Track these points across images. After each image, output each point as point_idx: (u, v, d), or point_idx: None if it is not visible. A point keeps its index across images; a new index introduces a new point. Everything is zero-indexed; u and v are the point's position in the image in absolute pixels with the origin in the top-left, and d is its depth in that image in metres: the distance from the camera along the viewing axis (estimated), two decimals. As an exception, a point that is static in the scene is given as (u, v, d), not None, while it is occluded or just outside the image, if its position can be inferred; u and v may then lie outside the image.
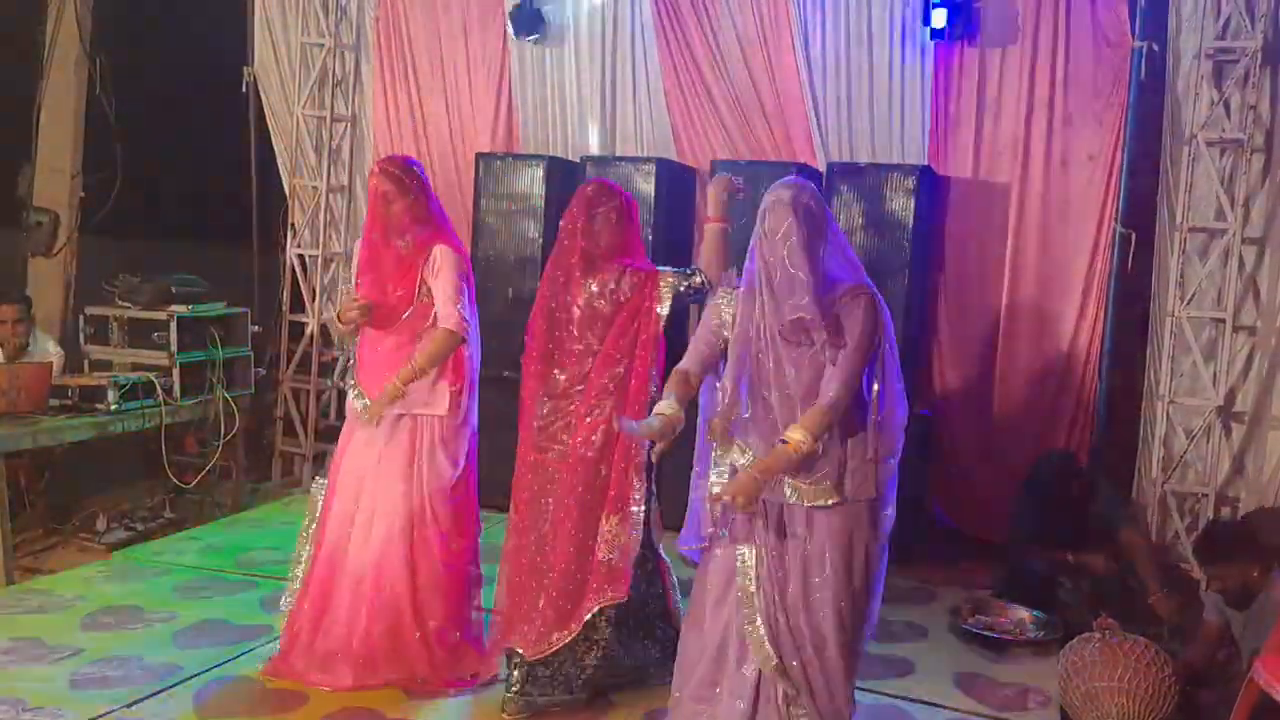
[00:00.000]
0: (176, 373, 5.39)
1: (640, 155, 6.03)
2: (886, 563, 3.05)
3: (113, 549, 5.08)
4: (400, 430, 3.67)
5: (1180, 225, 5.06)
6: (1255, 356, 5.07)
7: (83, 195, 6.67)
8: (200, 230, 6.73)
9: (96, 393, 5.03)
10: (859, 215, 5.29)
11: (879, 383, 2.89)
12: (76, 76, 6.58)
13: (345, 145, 6.83)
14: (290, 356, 6.82)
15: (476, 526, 3.86)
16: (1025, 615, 4.46)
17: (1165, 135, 5.23)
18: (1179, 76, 5.11)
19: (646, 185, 5.60)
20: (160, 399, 5.25)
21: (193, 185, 6.75)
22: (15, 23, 6.40)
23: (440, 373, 3.65)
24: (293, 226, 6.84)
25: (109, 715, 3.38)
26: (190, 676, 3.68)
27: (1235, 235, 4.96)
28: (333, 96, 6.74)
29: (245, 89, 6.72)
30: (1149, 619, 4.24)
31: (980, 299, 5.64)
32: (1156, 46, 5.11)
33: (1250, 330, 5.08)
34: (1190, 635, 4.13)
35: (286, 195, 6.86)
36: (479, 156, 6.07)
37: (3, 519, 4.56)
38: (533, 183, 5.84)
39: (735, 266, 3.20)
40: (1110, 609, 4.00)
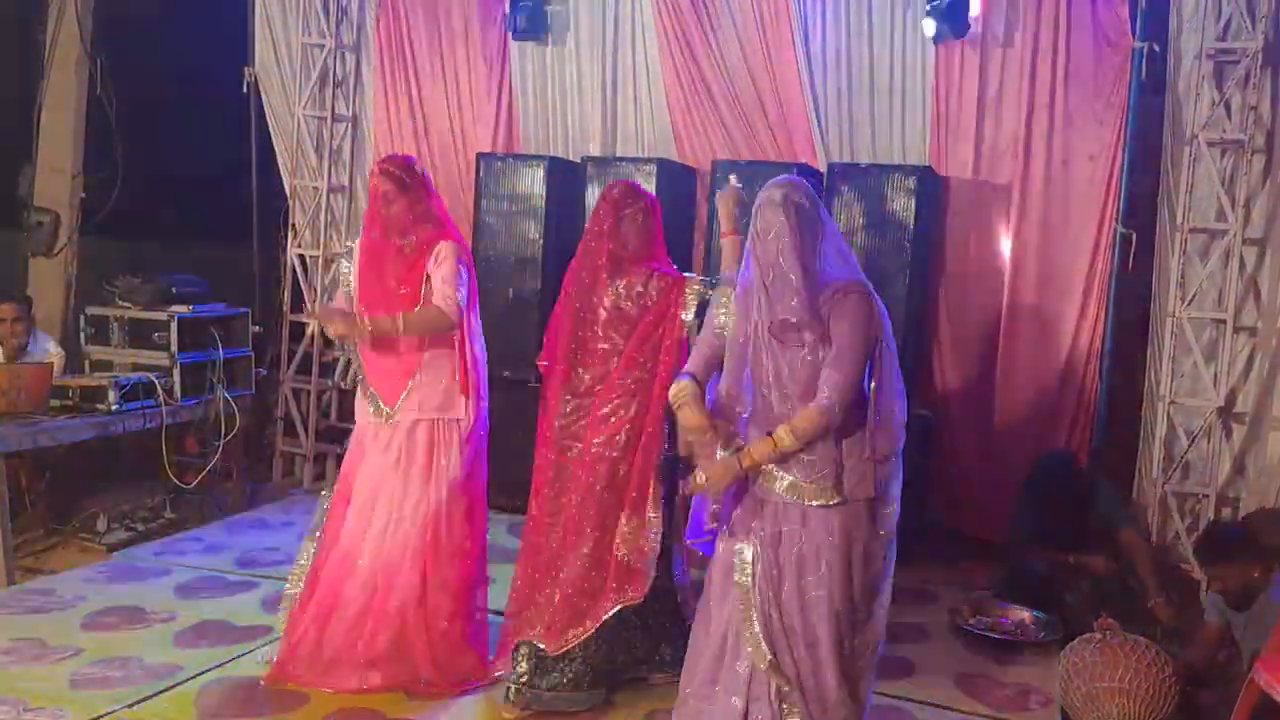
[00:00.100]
0: (177, 373, 5.39)
1: (641, 155, 6.04)
2: (893, 562, 3.01)
3: (113, 549, 5.08)
4: (417, 436, 3.65)
5: (1181, 226, 5.06)
6: (1256, 357, 5.07)
7: (83, 195, 6.67)
8: (201, 230, 6.74)
9: (97, 393, 5.03)
10: (859, 215, 5.28)
11: (876, 380, 2.86)
12: (77, 76, 6.58)
13: (346, 146, 6.84)
14: (291, 357, 6.82)
15: (485, 528, 3.85)
16: (1026, 616, 4.46)
17: (1166, 136, 5.23)
18: (1180, 77, 5.11)
19: (647, 185, 5.55)
20: (161, 399, 5.25)
21: (193, 185, 6.75)
22: (16, 23, 6.40)
23: (452, 376, 3.64)
24: (293, 227, 6.84)
25: (110, 715, 3.38)
26: (191, 677, 3.68)
27: (1236, 236, 4.96)
28: (333, 97, 6.75)
29: (246, 89, 6.72)
30: (1149, 621, 4.25)
31: (981, 299, 5.64)
32: (1157, 47, 5.11)
33: (1251, 331, 5.08)
34: (1190, 636, 4.13)
35: (287, 195, 6.86)
36: (480, 157, 6.07)
37: (3, 519, 4.56)
38: (533, 183, 5.84)
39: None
40: (1111, 609, 3.99)
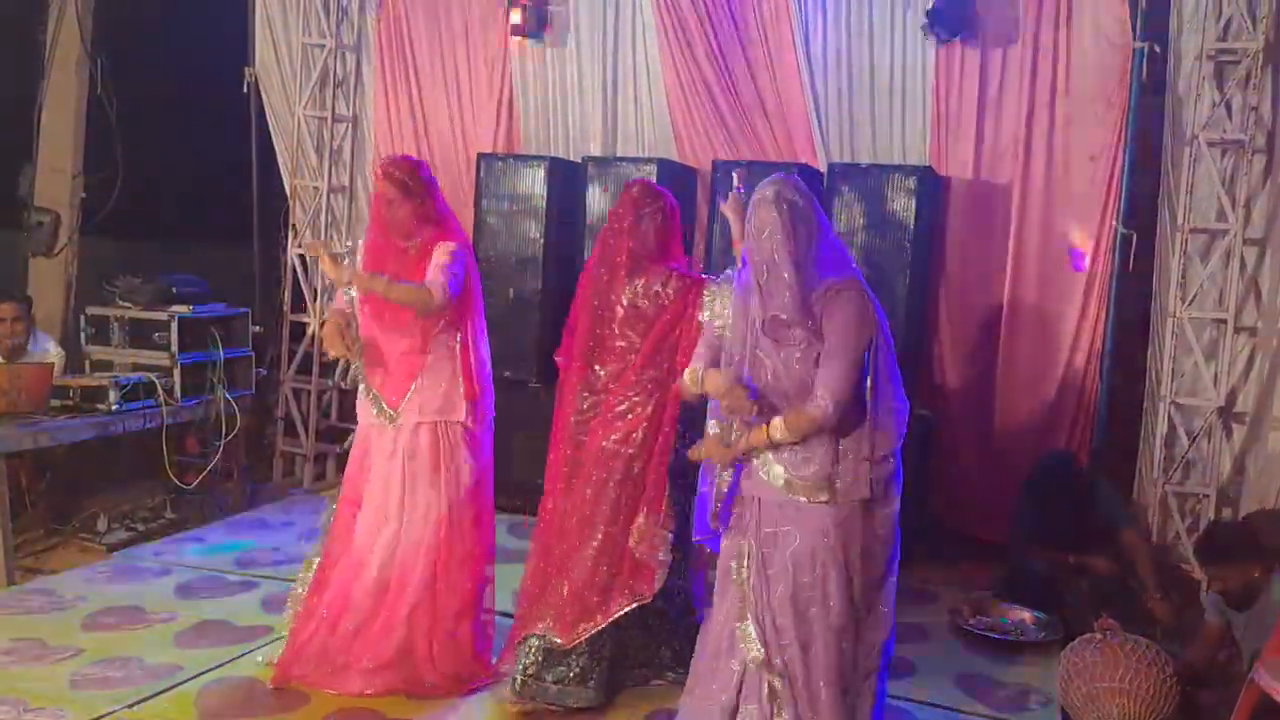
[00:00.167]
0: (177, 373, 5.39)
1: (641, 156, 6.04)
2: (896, 564, 2.98)
3: (113, 549, 5.08)
4: (421, 439, 3.64)
5: (1181, 226, 5.06)
6: (1256, 357, 5.06)
7: (84, 195, 6.66)
8: (201, 230, 6.74)
9: (97, 393, 5.03)
10: (860, 216, 5.28)
11: (873, 378, 2.82)
12: (78, 77, 6.58)
13: (346, 146, 6.84)
14: (291, 357, 6.82)
15: (493, 530, 3.85)
16: (1026, 616, 4.46)
17: (1166, 136, 5.23)
18: (1180, 77, 5.11)
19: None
20: (161, 399, 5.25)
21: (194, 185, 6.76)
22: (16, 23, 6.40)
23: (452, 379, 3.63)
24: (294, 227, 6.84)
25: (110, 715, 3.38)
26: (191, 677, 3.67)
27: (1236, 236, 4.96)
28: (334, 97, 6.75)
29: (246, 89, 6.73)
30: (1148, 620, 4.25)
31: (981, 299, 5.64)
32: (1158, 47, 5.11)
33: (1251, 331, 5.07)
34: (1191, 636, 4.13)
35: (287, 195, 6.86)
36: (480, 157, 6.07)
37: (4, 519, 4.56)
38: (534, 183, 5.83)
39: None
40: (1111, 610, 3.99)
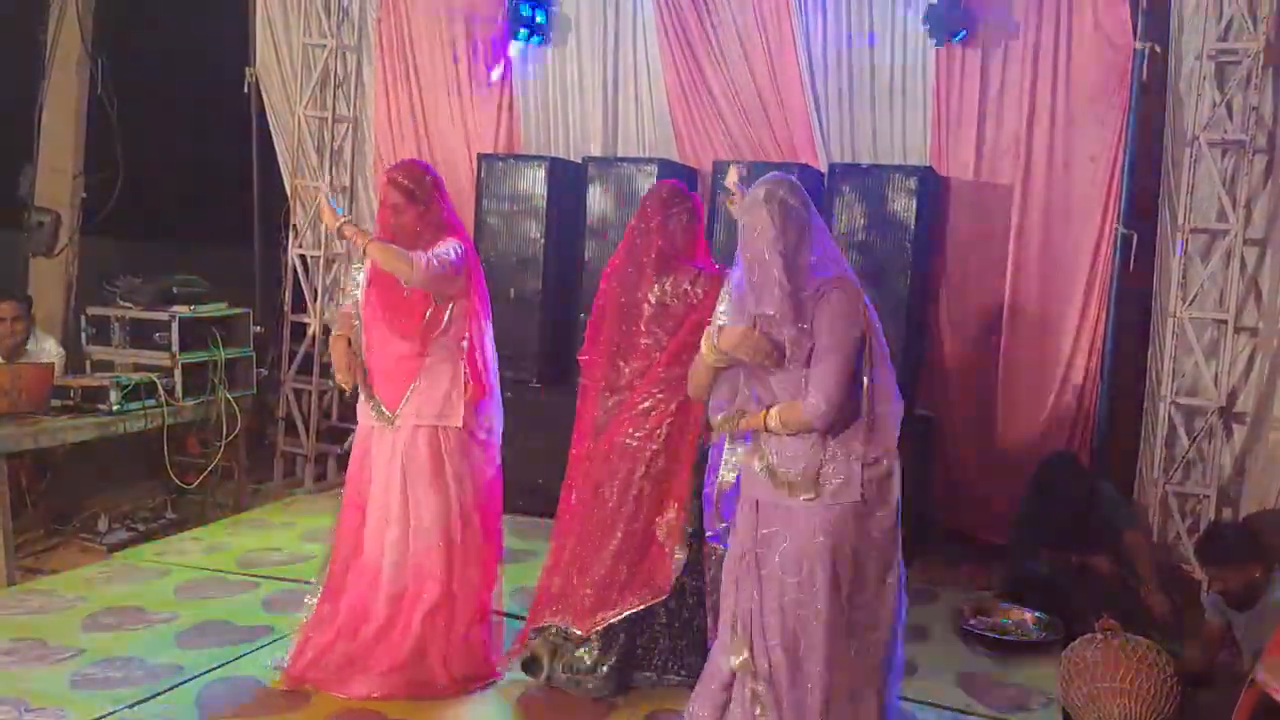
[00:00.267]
0: (178, 373, 5.38)
1: (642, 156, 6.04)
2: (897, 568, 2.89)
3: (114, 549, 5.08)
4: (419, 442, 3.61)
5: (1182, 226, 5.06)
6: (1257, 357, 5.07)
7: (84, 195, 6.68)
8: (202, 230, 6.74)
9: (98, 393, 5.03)
10: (861, 216, 5.28)
11: (868, 377, 2.78)
12: (78, 77, 6.59)
13: (347, 146, 6.84)
14: (292, 357, 6.82)
15: (501, 534, 3.85)
16: (1027, 616, 4.45)
17: (1167, 136, 5.23)
18: (1181, 77, 5.11)
19: (649, 186, 5.52)
20: (162, 399, 5.25)
21: (194, 186, 6.76)
22: (16, 23, 6.40)
23: (452, 382, 3.61)
24: (294, 227, 6.85)
25: (111, 716, 3.37)
26: (192, 677, 3.67)
27: (1237, 236, 4.96)
28: (334, 97, 6.75)
29: (247, 89, 6.73)
30: (1148, 619, 4.24)
31: (982, 300, 5.64)
32: (1158, 47, 5.11)
33: (1252, 331, 5.08)
34: (1191, 636, 4.13)
35: (288, 195, 6.86)
36: (481, 157, 6.07)
37: (4, 519, 4.56)
38: (534, 183, 5.84)
39: None
40: (1112, 610, 3.99)
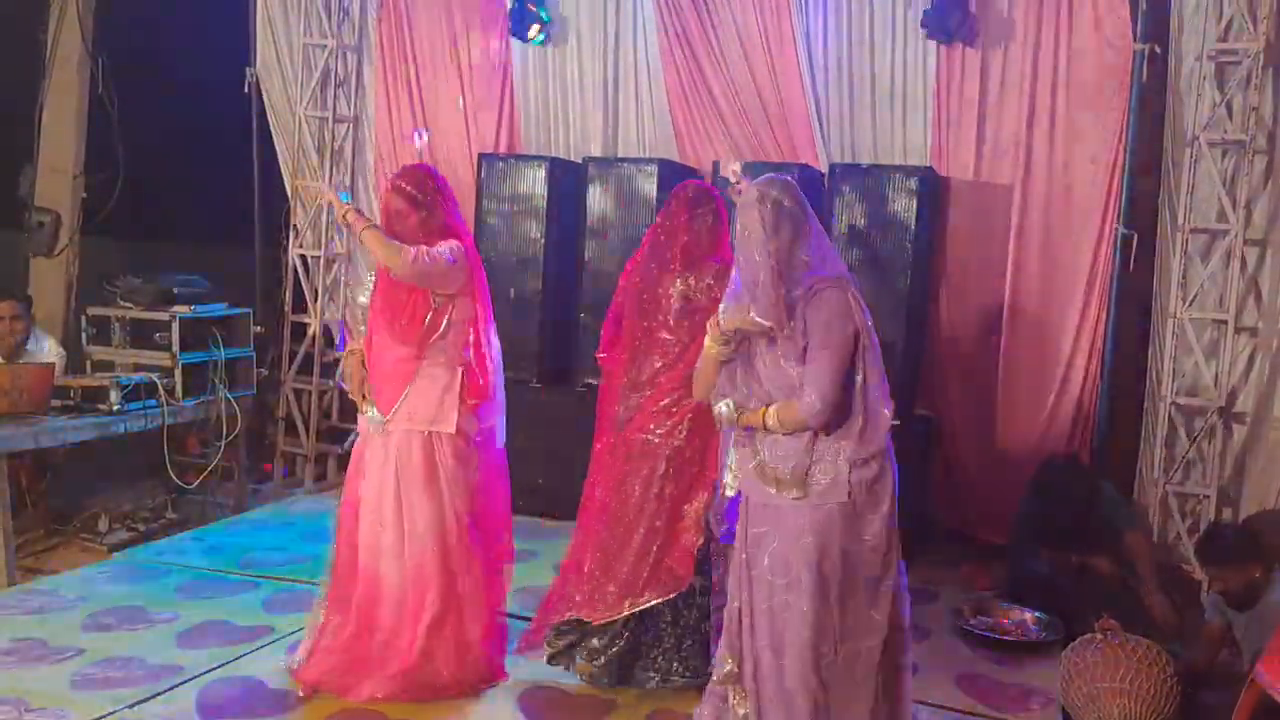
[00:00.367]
0: (179, 373, 5.38)
1: (642, 156, 6.04)
2: (893, 570, 2.83)
3: (114, 549, 5.08)
4: (413, 447, 3.60)
5: (1182, 227, 5.06)
6: (1257, 358, 5.07)
7: (84, 196, 6.67)
8: (202, 231, 6.74)
9: (99, 393, 5.02)
10: (861, 216, 5.28)
11: (862, 376, 2.77)
12: (79, 77, 6.58)
13: (347, 146, 6.84)
14: (292, 357, 6.82)
15: (508, 538, 3.84)
16: (1027, 616, 4.46)
17: (1167, 137, 5.24)
18: (1181, 78, 5.11)
19: (649, 186, 5.60)
20: (162, 400, 5.24)
21: (195, 186, 6.75)
22: (17, 23, 6.40)
23: (447, 388, 3.59)
24: (294, 227, 6.85)
25: (111, 716, 3.38)
26: (192, 677, 3.67)
27: (1237, 237, 4.96)
28: (335, 97, 6.75)
29: (247, 89, 6.73)
30: (1148, 620, 4.24)
31: (982, 300, 5.64)
32: (1158, 48, 5.12)
33: (1252, 331, 5.08)
34: (1191, 636, 4.13)
35: (288, 196, 6.87)
36: (481, 157, 6.07)
37: (4, 519, 4.56)
38: (535, 183, 5.84)
39: None
40: (1112, 610, 3.99)
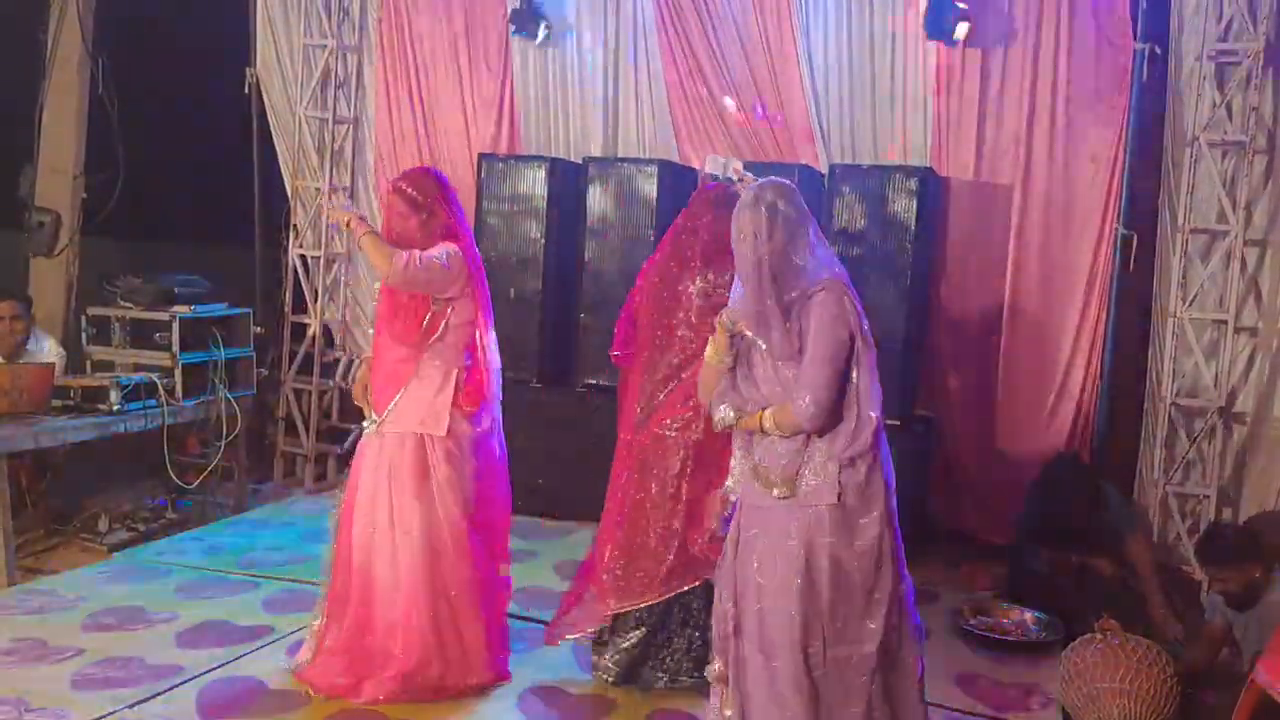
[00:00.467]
0: (179, 373, 5.37)
1: (642, 156, 6.04)
2: (888, 577, 2.78)
3: (114, 549, 5.08)
4: (404, 449, 3.59)
5: (1182, 227, 5.07)
6: (1257, 358, 5.07)
7: (85, 196, 6.66)
8: (202, 231, 6.73)
9: (99, 393, 5.02)
10: (861, 216, 5.28)
11: (853, 381, 2.75)
12: (79, 77, 6.58)
13: (347, 146, 6.84)
14: (292, 357, 6.82)
15: (506, 539, 3.84)
16: (1027, 616, 4.46)
17: (1167, 137, 5.24)
18: (1181, 78, 5.11)
19: (649, 186, 5.60)
20: (162, 399, 5.24)
21: (195, 186, 6.76)
22: (17, 23, 6.39)
23: (439, 390, 3.59)
24: (295, 227, 6.85)
25: (111, 715, 3.38)
26: (193, 677, 3.67)
27: (1237, 237, 4.97)
28: (335, 97, 6.75)
29: (248, 90, 6.73)
30: (1149, 625, 4.24)
31: (982, 300, 5.64)
32: (1158, 48, 5.12)
33: (1252, 331, 5.08)
34: (1191, 636, 4.13)
35: (289, 196, 6.87)
36: (481, 157, 6.07)
37: (4, 519, 4.56)
38: (535, 184, 5.84)
39: None
40: (1113, 610, 4.00)
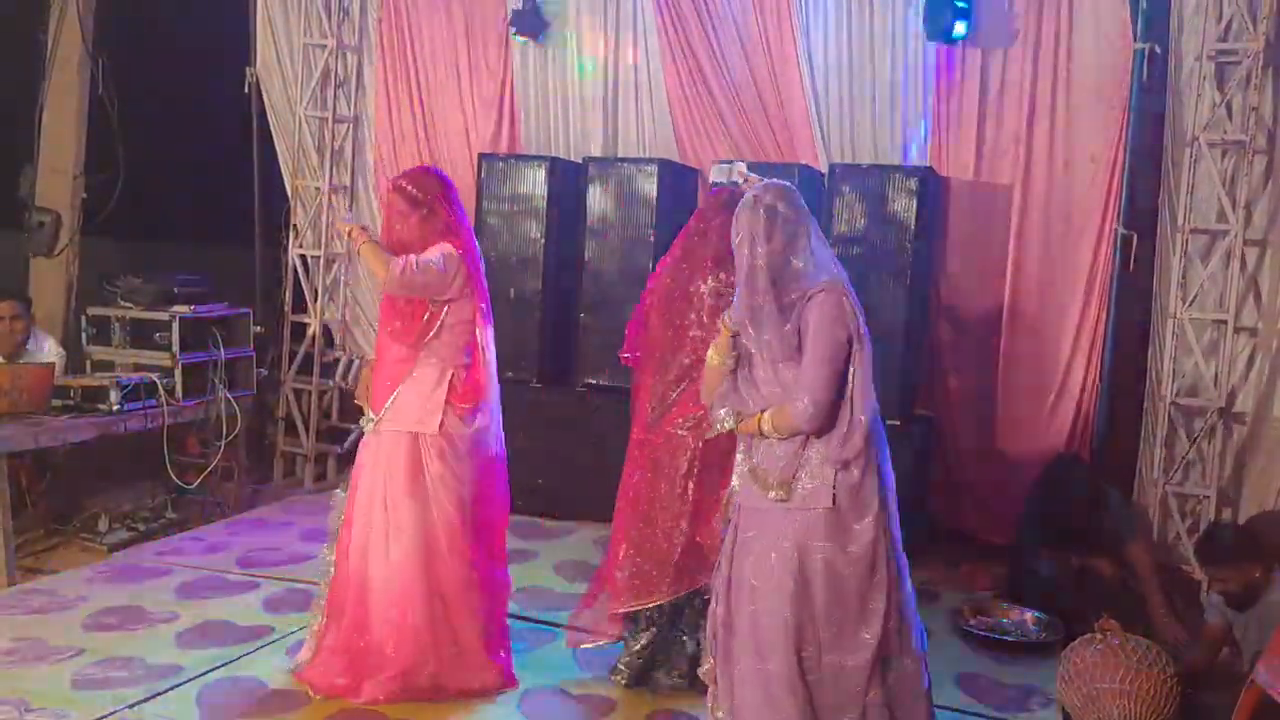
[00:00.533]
0: (179, 373, 5.38)
1: (642, 156, 6.05)
2: (883, 584, 2.76)
3: (114, 549, 5.08)
4: (399, 448, 3.58)
5: (1182, 227, 5.06)
6: (1256, 358, 5.07)
7: (85, 196, 6.66)
8: (202, 231, 6.74)
9: (99, 393, 5.03)
10: (861, 216, 5.28)
11: (852, 383, 2.75)
12: (79, 77, 6.57)
13: (347, 146, 6.84)
14: (292, 357, 6.82)
15: (504, 539, 3.83)
16: (1027, 616, 4.46)
17: (1167, 137, 5.24)
18: (1181, 78, 5.11)
19: (649, 186, 5.60)
20: (162, 399, 5.24)
21: (195, 186, 6.76)
22: (17, 23, 6.39)
23: (434, 388, 3.57)
24: (295, 227, 6.85)
25: (111, 715, 3.38)
26: (192, 677, 3.67)
27: (1237, 237, 4.96)
28: (335, 97, 6.75)
29: (248, 89, 6.74)
30: (1155, 637, 4.23)
31: (982, 300, 5.64)
32: (1158, 48, 5.12)
33: (1252, 331, 5.08)
34: (1192, 638, 4.13)
35: (289, 196, 6.87)
36: (481, 157, 6.07)
37: (4, 519, 4.56)
38: (535, 183, 5.84)
39: None
40: (1113, 610, 3.99)
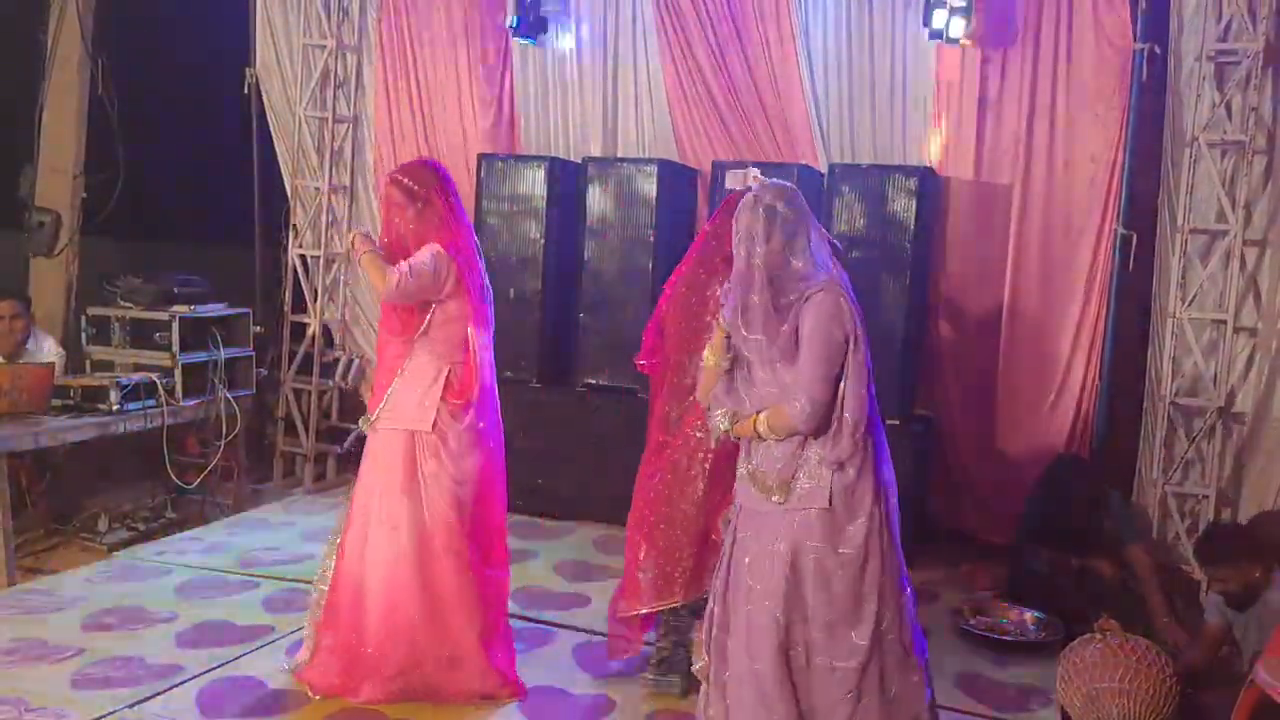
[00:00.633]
0: (178, 373, 5.38)
1: (642, 156, 6.05)
2: (874, 583, 2.75)
3: (114, 549, 5.08)
4: (394, 446, 3.57)
5: (1181, 227, 5.06)
6: (1256, 358, 5.07)
7: (84, 196, 6.66)
8: (202, 231, 6.75)
9: (99, 393, 5.03)
10: (860, 216, 5.28)
11: (846, 383, 2.74)
12: (79, 77, 6.57)
13: (347, 146, 6.84)
14: (292, 357, 6.81)
15: (503, 538, 3.81)
16: (1027, 616, 4.47)
17: (1166, 137, 5.24)
18: (1180, 78, 5.11)
19: (649, 186, 5.60)
20: (162, 399, 5.25)
21: (195, 186, 6.76)
22: (17, 23, 6.40)
23: (430, 385, 3.56)
24: (294, 227, 6.85)
25: (111, 715, 3.38)
26: (192, 677, 3.68)
27: (1236, 237, 4.96)
28: (335, 97, 6.75)
29: (247, 90, 6.74)
30: (1155, 640, 4.23)
31: (981, 300, 5.64)
32: (1158, 48, 5.13)
33: (1251, 331, 5.08)
34: (1191, 637, 4.13)
35: (288, 196, 6.87)
36: (481, 157, 6.07)
37: (4, 519, 4.56)
38: (534, 184, 5.84)
39: None
40: (1113, 610, 4.00)
